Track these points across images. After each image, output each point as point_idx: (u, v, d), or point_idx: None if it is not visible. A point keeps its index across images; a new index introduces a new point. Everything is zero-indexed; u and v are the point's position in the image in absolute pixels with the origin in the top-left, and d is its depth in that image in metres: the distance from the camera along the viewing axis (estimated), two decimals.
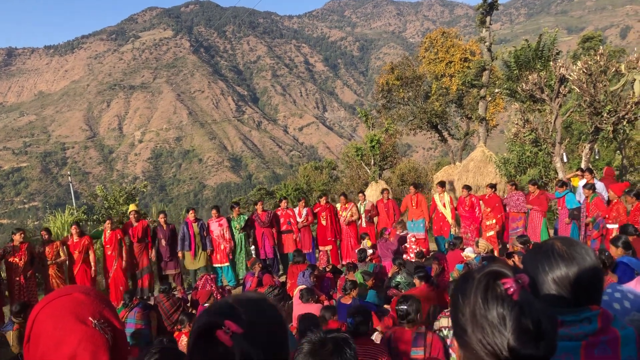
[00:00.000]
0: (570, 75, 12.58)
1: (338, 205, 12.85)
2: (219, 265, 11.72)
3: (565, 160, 15.27)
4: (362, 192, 13.59)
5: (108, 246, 10.81)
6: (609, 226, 9.81)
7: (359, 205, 12.79)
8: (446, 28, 27.34)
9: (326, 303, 7.64)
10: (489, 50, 19.74)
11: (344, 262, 12.02)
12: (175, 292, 9.60)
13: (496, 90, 20.62)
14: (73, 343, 1.35)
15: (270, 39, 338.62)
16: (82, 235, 10.66)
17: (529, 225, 11.47)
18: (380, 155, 20.82)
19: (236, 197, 51.37)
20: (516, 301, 1.19)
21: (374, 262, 10.07)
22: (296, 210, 12.53)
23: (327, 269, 9.70)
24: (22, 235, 9.94)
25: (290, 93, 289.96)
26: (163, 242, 11.28)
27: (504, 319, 1.18)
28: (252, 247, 12.37)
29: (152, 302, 8.74)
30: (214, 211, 12.07)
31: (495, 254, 10.77)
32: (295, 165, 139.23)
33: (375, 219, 12.86)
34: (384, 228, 11.21)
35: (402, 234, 11.07)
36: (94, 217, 15.88)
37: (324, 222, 12.50)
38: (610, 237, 7.86)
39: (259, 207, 12.27)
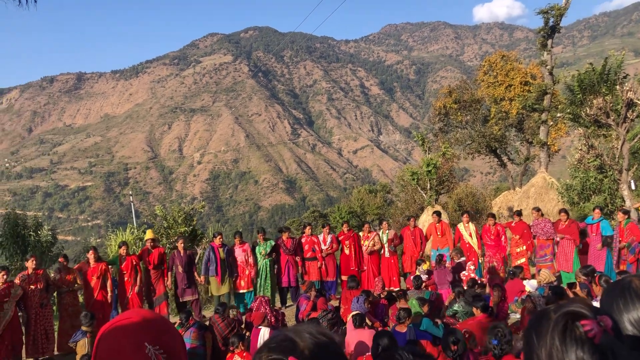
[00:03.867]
0: (638, 100, 12.07)
1: (361, 234, 12.50)
2: (244, 290, 11.51)
3: (633, 187, 14.59)
4: (385, 220, 13.17)
5: (125, 272, 10.59)
6: None
7: (381, 234, 12.37)
8: (506, 51, 26.87)
9: (380, 330, 7.50)
10: (551, 73, 19.22)
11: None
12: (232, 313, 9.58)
13: (558, 115, 20.06)
14: None
15: (327, 63, 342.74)
16: (99, 261, 10.44)
17: (559, 253, 11.05)
18: (437, 180, 20.49)
19: (290, 218, 51.67)
20: (597, 345, 1.10)
21: (429, 289, 9.84)
22: (320, 237, 12.23)
23: (382, 295, 9.54)
24: (34, 261, 9.61)
25: (345, 116, 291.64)
26: (180, 269, 11.02)
27: None
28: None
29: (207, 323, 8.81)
30: (236, 237, 11.84)
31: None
32: (349, 188, 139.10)
33: (399, 249, 12.48)
34: (439, 254, 10.92)
35: (459, 260, 10.81)
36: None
37: (347, 251, 12.17)
38: None
39: (285, 235, 12.01)
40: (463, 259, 11.07)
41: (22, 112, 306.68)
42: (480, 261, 11.57)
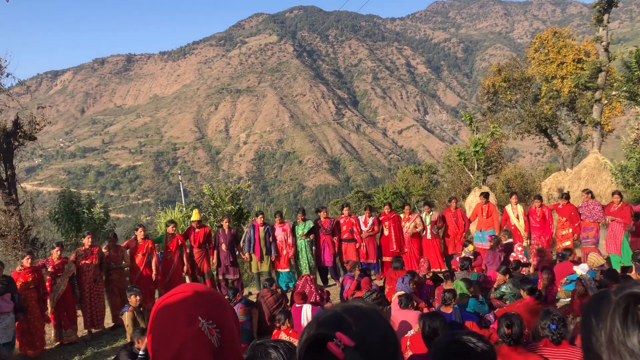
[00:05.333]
0: None
1: (402, 215, 12.37)
2: (281, 270, 11.63)
3: None
4: (428, 203, 12.92)
5: (170, 250, 10.77)
6: None
7: (424, 216, 12.23)
8: (558, 28, 25.92)
9: (425, 311, 7.48)
10: (606, 50, 18.46)
11: None
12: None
13: (613, 93, 19.31)
14: (177, 343, 1.39)
15: (372, 42, 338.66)
16: (146, 239, 10.64)
17: (608, 236, 10.73)
18: (485, 160, 20.11)
19: (334, 199, 51.76)
20: None
21: (476, 270, 9.73)
22: (361, 218, 12.16)
23: (427, 276, 9.50)
24: (90, 238, 9.96)
25: (390, 96, 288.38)
26: (224, 247, 11.25)
27: None
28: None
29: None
30: (277, 217, 11.95)
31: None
32: (393, 169, 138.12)
33: (441, 232, 12.32)
34: (496, 235, 10.73)
35: (506, 242, 10.63)
36: (201, 215, 16.60)
37: (386, 232, 12.09)
38: None
39: (322, 214, 12.05)
40: (510, 240, 10.90)
41: (75, 93, 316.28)
42: (525, 244, 11.36)
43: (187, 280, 11.23)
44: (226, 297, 8.68)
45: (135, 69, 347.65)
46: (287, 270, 11.61)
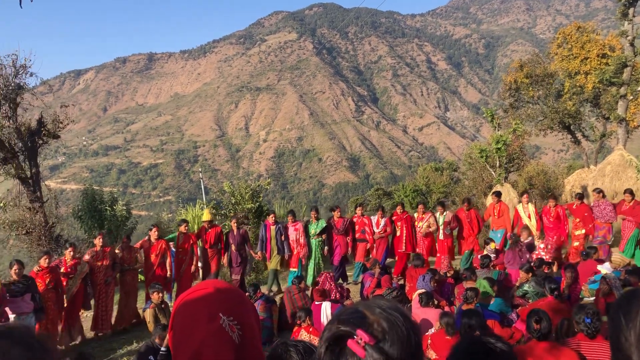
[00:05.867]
0: None
1: (415, 215, 12.24)
2: (293, 269, 11.58)
3: None
4: (441, 203, 12.74)
5: (182, 250, 10.78)
6: None
7: (437, 216, 12.05)
8: (582, 22, 25.49)
9: (446, 309, 7.42)
10: (632, 44, 18.12)
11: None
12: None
13: (639, 89, 18.94)
14: (199, 339, 1.40)
15: (392, 39, 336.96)
16: (160, 239, 10.59)
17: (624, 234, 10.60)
18: (507, 157, 19.89)
19: (354, 196, 51.67)
20: None
21: (497, 268, 9.63)
22: (374, 219, 12.05)
23: (449, 274, 9.43)
24: (102, 238, 9.85)
25: (410, 92, 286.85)
26: (233, 248, 11.26)
27: None
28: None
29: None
30: (289, 216, 11.88)
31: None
32: (414, 166, 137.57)
33: (455, 232, 12.16)
34: (515, 234, 10.61)
35: (526, 241, 10.49)
36: (222, 212, 16.70)
37: (398, 232, 11.98)
38: None
39: (336, 213, 11.96)
40: (531, 238, 10.78)
41: (98, 92, 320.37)
42: (536, 243, 11.24)
43: (199, 280, 11.29)
44: (247, 294, 8.73)
45: (156, 68, 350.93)
46: (295, 270, 11.56)
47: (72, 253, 9.33)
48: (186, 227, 10.95)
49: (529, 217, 11.52)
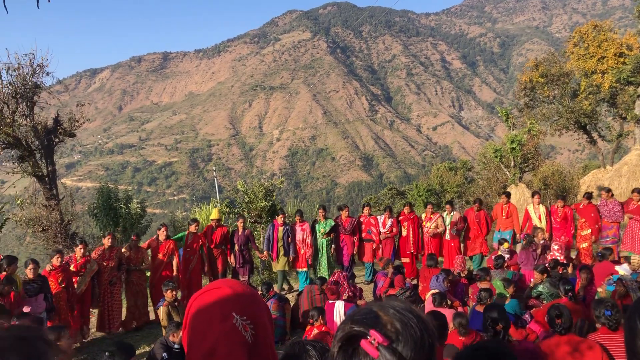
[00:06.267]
0: None
1: (423, 215, 12.16)
2: (300, 269, 11.56)
3: None
4: (450, 202, 12.62)
5: (190, 249, 10.66)
6: None
7: (445, 215, 11.97)
8: (598, 21, 25.20)
9: (460, 309, 7.39)
10: None
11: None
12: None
13: None
14: (212, 338, 1.41)
15: (406, 38, 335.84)
16: (168, 239, 10.48)
17: (626, 234, 10.52)
18: (522, 157, 19.74)
19: (367, 195, 51.62)
20: None
21: (511, 269, 9.57)
22: (380, 219, 11.97)
23: (462, 275, 9.38)
24: (111, 239, 9.71)
25: (424, 92, 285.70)
26: (236, 248, 11.23)
27: None
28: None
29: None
30: (297, 216, 11.82)
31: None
32: (427, 166, 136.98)
33: (462, 233, 12.05)
34: (529, 234, 10.54)
35: (541, 242, 10.41)
36: (236, 211, 16.74)
37: (404, 233, 11.91)
38: None
39: (344, 213, 11.86)
40: (543, 240, 10.69)
41: (113, 91, 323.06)
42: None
43: (208, 280, 11.27)
44: (260, 292, 8.75)
45: (171, 67, 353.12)
46: (305, 269, 11.53)
47: (82, 250, 9.21)
48: (196, 227, 10.86)
49: (540, 218, 11.44)
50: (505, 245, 10.44)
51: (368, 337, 1.12)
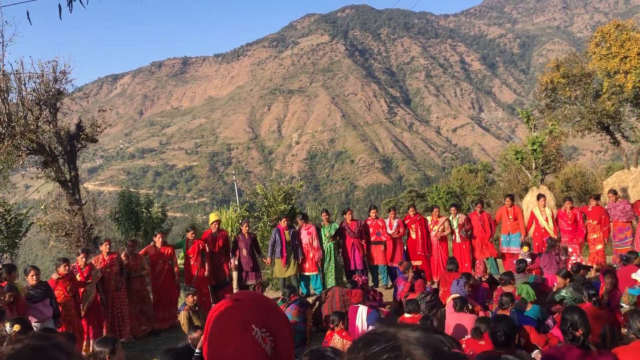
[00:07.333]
0: None
1: (429, 218, 12.07)
2: (309, 273, 11.47)
3: None
4: (455, 205, 12.51)
5: (191, 256, 10.54)
6: None
7: (450, 219, 11.88)
8: (621, 20, 24.82)
9: (481, 314, 7.32)
10: None
11: (434, 279, 11.29)
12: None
13: None
14: (232, 350, 1.41)
15: (425, 39, 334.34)
16: (165, 245, 10.42)
17: (638, 234, 10.39)
18: (543, 159, 19.49)
19: (386, 198, 51.42)
20: None
21: (533, 273, 9.45)
22: (386, 221, 11.89)
23: (483, 279, 9.29)
24: (108, 245, 9.71)
25: (444, 93, 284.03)
26: (244, 252, 10.99)
27: None
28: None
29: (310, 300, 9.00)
30: (300, 219, 11.74)
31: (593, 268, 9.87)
32: (447, 168, 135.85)
33: (469, 234, 11.89)
34: (550, 238, 10.40)
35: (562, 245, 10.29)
36: (255, 214, 16.80)
37: (413, 236, 11.80)
38: None
39: (348, 216, 11.76)
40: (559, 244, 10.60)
41: (134, 96, 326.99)
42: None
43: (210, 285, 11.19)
44: (281, 296, 8.76)
45: (190, 72, 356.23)
46: (315, 273, 11.46)
47: (84, 259, 9.18)
48: (193, 234, 10.71)
49: (546, 220, 11.34)
50: (526, 248, 10.33)
51: None
